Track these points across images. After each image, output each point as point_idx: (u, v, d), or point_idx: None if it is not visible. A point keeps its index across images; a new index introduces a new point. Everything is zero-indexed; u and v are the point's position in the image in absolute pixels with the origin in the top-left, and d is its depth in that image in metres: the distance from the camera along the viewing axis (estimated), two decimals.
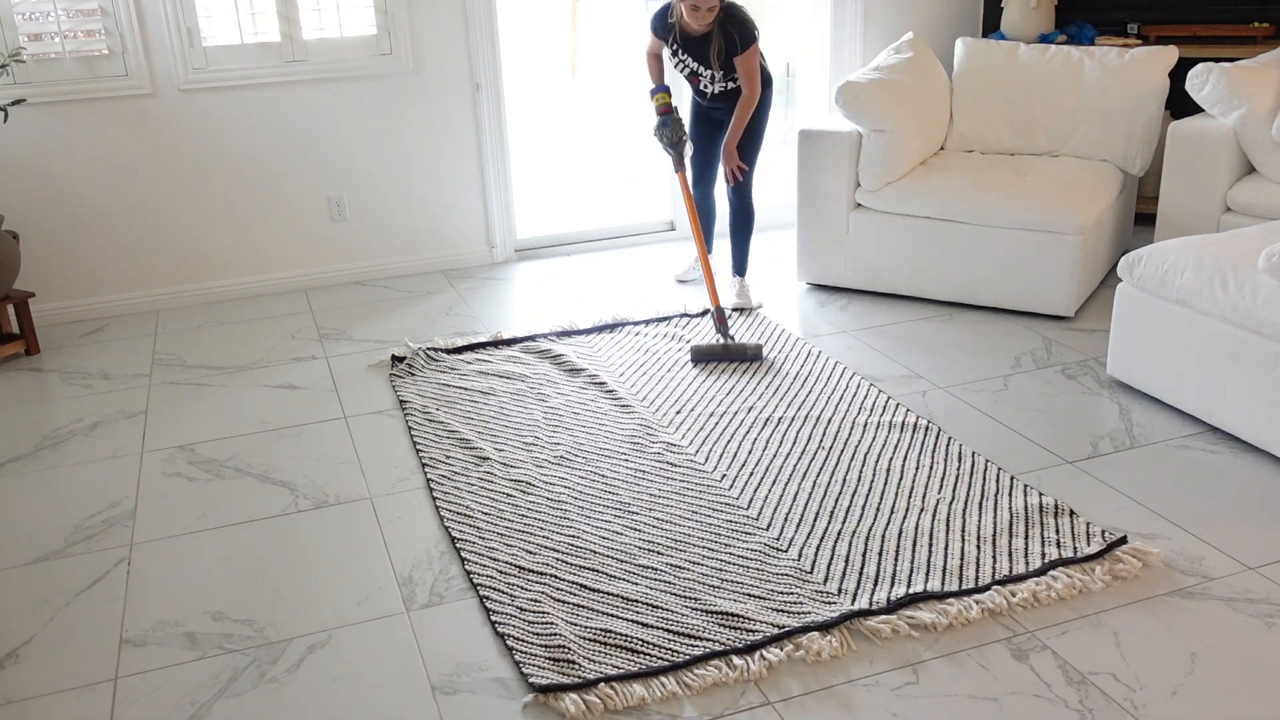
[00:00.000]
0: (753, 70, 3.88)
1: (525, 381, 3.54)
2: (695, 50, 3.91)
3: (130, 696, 2.19)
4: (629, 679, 2.15)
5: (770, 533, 2.63)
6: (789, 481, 2.87)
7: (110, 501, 2.97)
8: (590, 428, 3.21)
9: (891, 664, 2.19)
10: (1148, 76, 4.24)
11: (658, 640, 2.25)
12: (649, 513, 2.73)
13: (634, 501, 2.79)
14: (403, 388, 3.55)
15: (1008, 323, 3.97)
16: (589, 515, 2.74)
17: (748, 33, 3.82)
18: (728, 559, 2.52)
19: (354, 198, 4.66)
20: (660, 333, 3.94)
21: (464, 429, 3.22)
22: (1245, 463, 2.92)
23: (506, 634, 2.29)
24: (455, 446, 3.12)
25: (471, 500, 2.83)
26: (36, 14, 4.07)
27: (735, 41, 3.82)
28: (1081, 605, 2.34)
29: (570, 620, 2.33)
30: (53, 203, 4.28)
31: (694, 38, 3.88)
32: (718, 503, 2.77)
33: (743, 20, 3.84)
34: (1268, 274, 2.87)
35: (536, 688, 2.12)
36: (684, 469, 2.95)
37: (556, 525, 2.70)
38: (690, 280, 4.52)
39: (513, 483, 2.90)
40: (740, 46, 3.82)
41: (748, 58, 3.85)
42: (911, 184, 4.09)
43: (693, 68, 3.96)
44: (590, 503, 2.80)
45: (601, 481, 2.90)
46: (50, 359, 4.02)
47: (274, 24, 4.35)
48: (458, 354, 3.81)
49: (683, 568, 2.50)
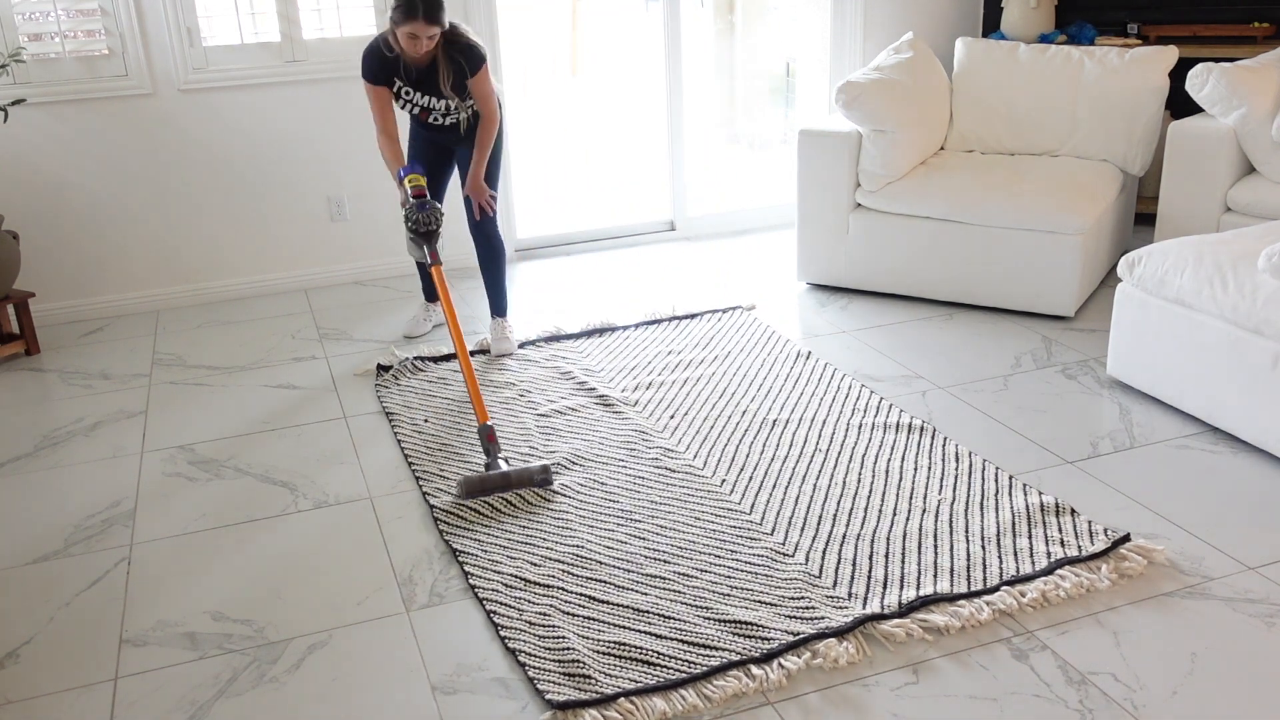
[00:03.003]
0: (488, 93, 3.59)
1: (514, 389, 3.53)
2: (423, 84, 3.56)
3: (130, 696, 2.19)
4: (648, 693, 2.12)
5: (775, 538, 2.62)
6: (789, 485, 2.86)
7: (110, 501, 2.97)
8: (584, 435, 3.20)
9: (891, 664, 2.19)
10: (1148, 76, 4.24)
11: (673, 651, 2.23)
12: (651, 520, 2.72)
13: (635, 509, 2.78)
14: (388, 398, 3.50)
15: (1008, 323, 3.97)
16: (591, 524, 2.72)
17: (476, 54, 3.51)
18: (735, 566, 2.52)
19: (354, 198, 4.66)
20: (650, 337, 3.93)
21: (455, 441, 3.19)
22: (1245, 463, 2.92)
23: (518, 649, 2.26)
24: (448, 460, 3.09)
25: (470, 511, 2.80)
26: (36, 14, 4.07)
27: (463, 67, 3.50)
28: (1082, 605, 2.34)
29: (582, 633, 2.30)
30: (53, 203, 4.28)
31: (419, 71, 3.53)
32: (720, 508, 2.76)
33: (468, 43, 3.51)
34: (1268, 274, 2.87)
35: (554, 704, 2.09)
36: (683, 474, 2.94)
37: (559, 535, 2.68)
38: (419, 335, 4.06)
39: (511, 492, 2.89)
40: (471, 70, 3.51)
41: (480, 80, 3.54)
42: (911, 184, 4.09)
43: (422, 104, 3.60)
44: (591, 511, 2.78)
45: (601, 489, 2.89)
46: (50, 359, 4.02)
47: (274, 24, 4.35)
48: (445, 361, 3.78)
49: (690, 576, 2.48)
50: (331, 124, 4.53)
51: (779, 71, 6.61)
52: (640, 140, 6.47)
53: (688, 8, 5.05)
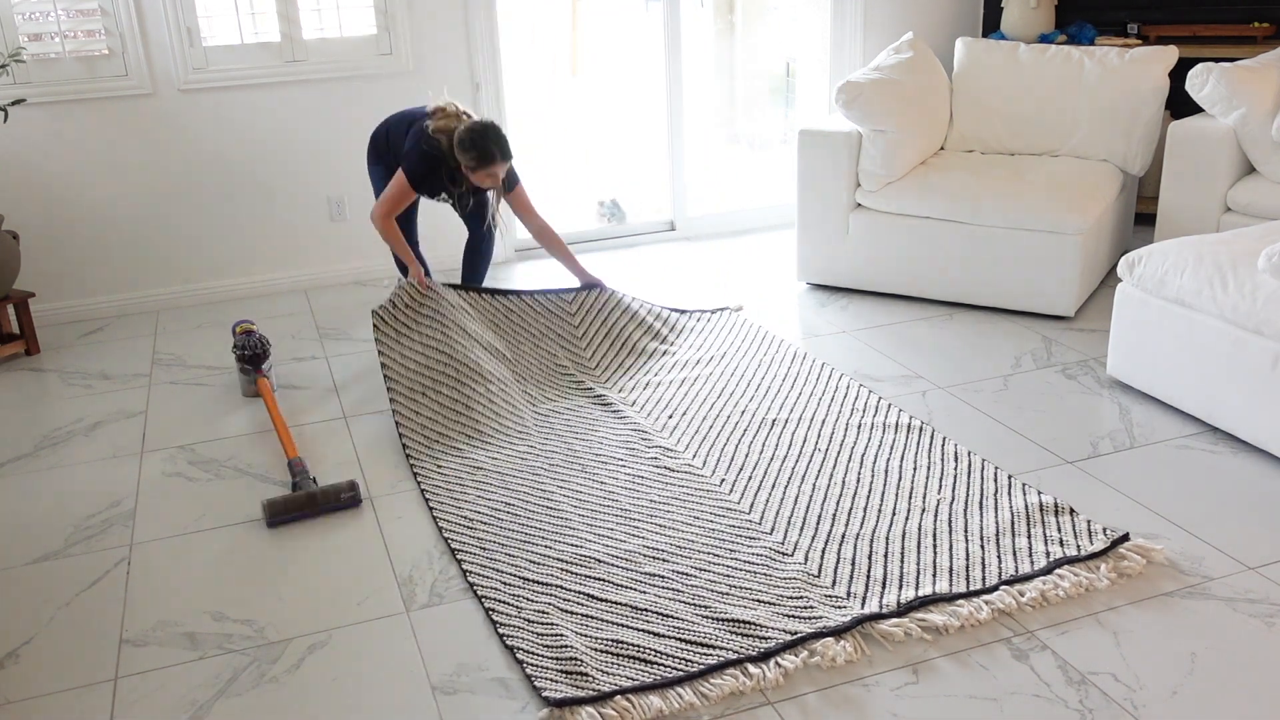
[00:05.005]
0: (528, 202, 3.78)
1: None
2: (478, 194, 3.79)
3: (130, 696, 2.19)
4: (645, 690, 2.12)
5: (774, 537, 2.62)
6: (788, 485, 2.86)
7: (110, 501, 2.97)
8: (583, 434, 3.19)
9: (890, 664, 2.19)
10: (1148, 76, 4.24)
11: (670, 650, 2.23)
12: (650, 519, 2.72)
13: (634, 508, 2.77)
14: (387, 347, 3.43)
15: (1008, 323, 3.97)
16: (590, 523, 2.72)
17: (513, 171, 3.70)
18: (734, 564, 2.51)
19: (354, 198, 4.66)
20: (645, 335, 3.91)
21: (456, 437, 3.18)
22: (1245, 463, 2.92)
23: (516, 647, 2.26)
24: (445, 453, 3.10)
25: (470, 510, 2.80)
26: (36, 14, 4.07)
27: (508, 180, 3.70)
28: (1082, 605, 2.34)
29: (580, 631, 2.30)
30: (53, 203, 4.28)
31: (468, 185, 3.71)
32: (719, 507, 2.76)
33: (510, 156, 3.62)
34: (1268, 274, 2.87)
35: (551, 701, 2.08)
36: (681, 474, 2.94)
37: (558, 534, 2.68)
38: None
39: (509, 491, 2.89)
40: (510, 184, 3.72)
41: (519, 193, 3.76)
42: (911, 184, 4.09)
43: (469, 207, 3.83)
44: (590, 510, 2.78)
45: (600, 488, 2.89)
46: (50, 359, 4.02)
47: (274, 24, 4.35)
48: None
49: (689, 574, 2.48)
50: (331, 124, 4.53)
51: (779, 71, 6.61)
52: (640, 140, 6.47)
53: (688, 8, 5.05)
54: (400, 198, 3.63)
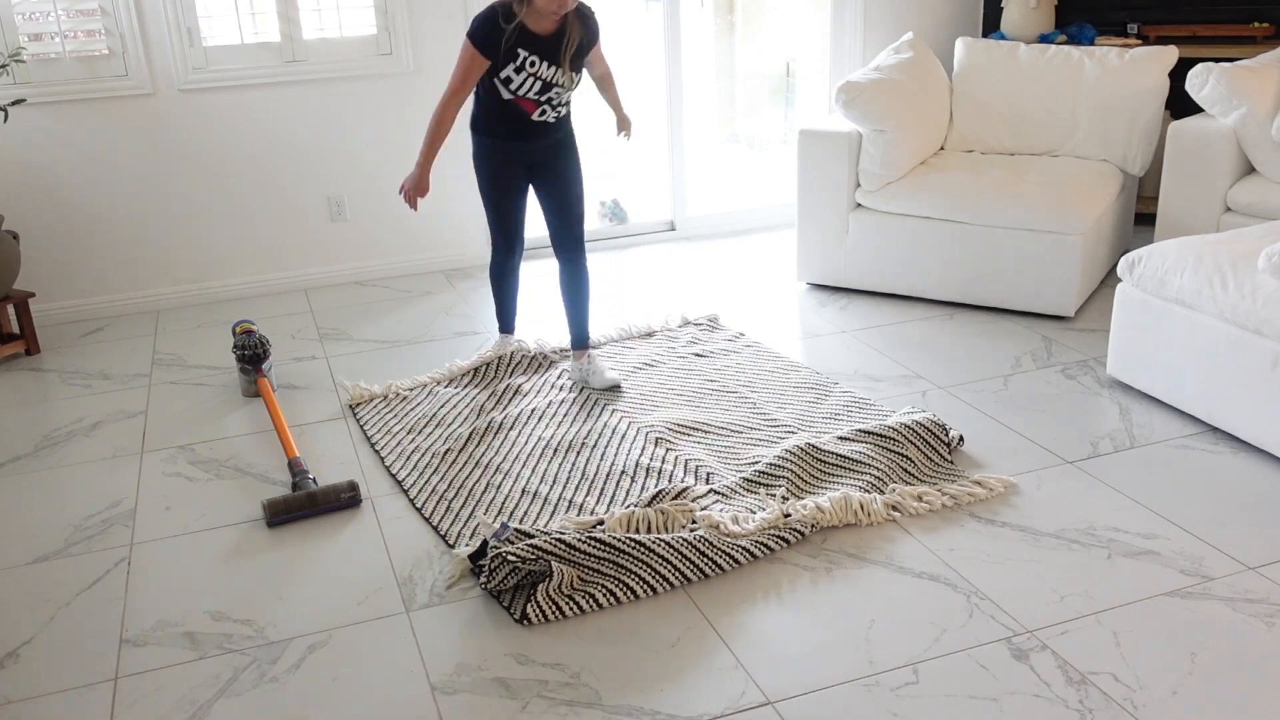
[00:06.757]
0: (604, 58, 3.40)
1: (491, 415, 3.49)
2: (547, 54, 3.21)
3: (130, 696, 2.19)
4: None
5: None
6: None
7: (110, 501, 2.97)
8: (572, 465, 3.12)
9: (891, 664, 2.18)
10: (1148, 76, 4.24)
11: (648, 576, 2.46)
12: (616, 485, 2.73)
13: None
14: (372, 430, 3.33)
15: (1008, 323, 3.97)
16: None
17: (596, 22, 3.31)
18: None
19: (354, 198, 4.66)
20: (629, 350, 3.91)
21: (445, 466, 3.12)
22: (1245, 463, 2.92)
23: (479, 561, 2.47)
24: (433, 473, 3.06)
25: (470, 509, 2.82)
26: (36, 14, 4.07)
27: (593, 29, 3.30)
28: (1082, 605, 2.34)
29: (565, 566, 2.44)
30: (53, 203, 4.28)
31: (544, 39, 3.18)
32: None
33: (590, 10, 3.29)
34: (1268, 274, 2.87)
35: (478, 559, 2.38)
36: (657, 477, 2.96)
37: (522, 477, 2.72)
38: None
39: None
40: (593, 39, 3.31)
41: (600, 51, 3.40)
42: (911, 184, 4.09)
43: (545, 77, 3.23)
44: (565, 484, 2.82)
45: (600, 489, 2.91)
46: (50, 359, 4.02)
47: (274, 24, 4.35)
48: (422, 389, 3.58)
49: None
50: (331, 124, 4.53)
51: (779, 71, 6.61)
52: (641, 140, 6.47)
53: (688, 8, 5.05)
54: (468, 68, 3.19)
